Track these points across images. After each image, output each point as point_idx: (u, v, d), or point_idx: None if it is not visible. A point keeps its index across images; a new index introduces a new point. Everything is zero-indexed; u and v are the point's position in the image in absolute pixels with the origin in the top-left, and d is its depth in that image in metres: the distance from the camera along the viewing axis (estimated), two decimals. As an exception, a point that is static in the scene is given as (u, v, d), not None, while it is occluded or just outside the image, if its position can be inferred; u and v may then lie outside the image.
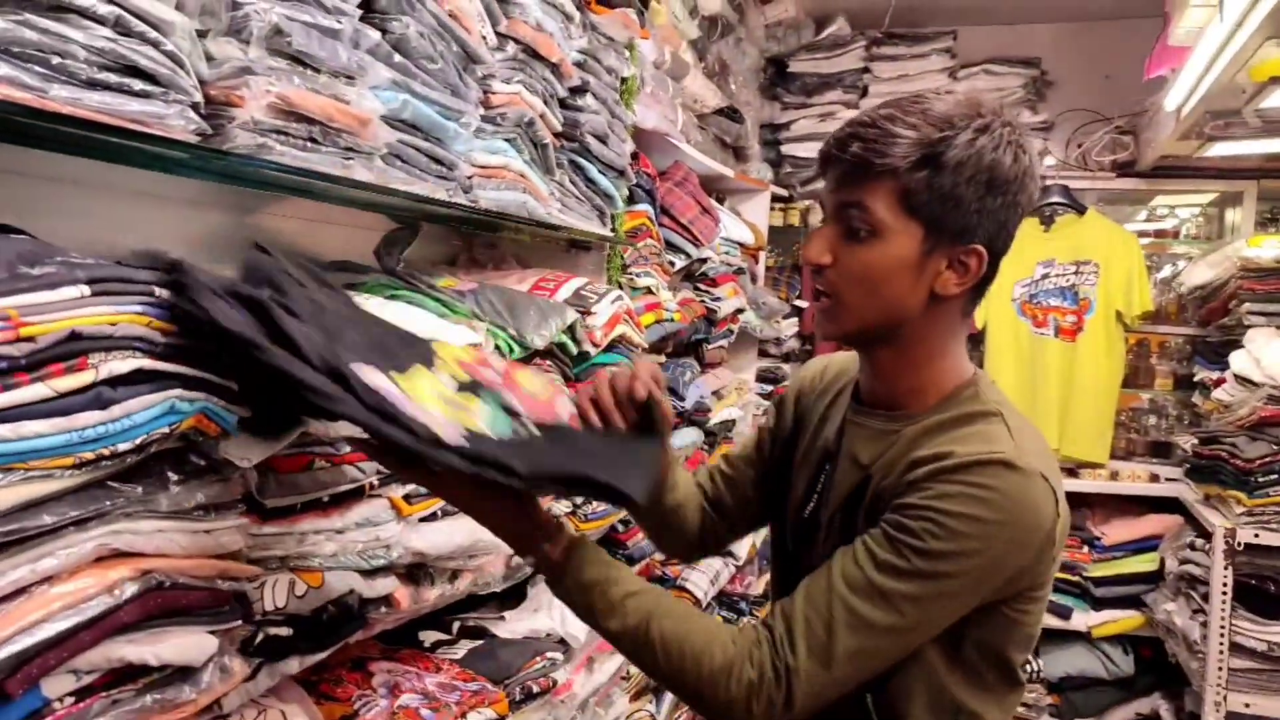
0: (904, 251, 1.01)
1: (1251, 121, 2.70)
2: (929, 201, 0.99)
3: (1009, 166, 0.99)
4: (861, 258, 1.02)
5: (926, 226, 1.00)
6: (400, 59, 1.27)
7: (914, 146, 0.98)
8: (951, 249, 1.02)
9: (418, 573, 1.26)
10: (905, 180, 0.99)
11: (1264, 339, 2.82)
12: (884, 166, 0.99)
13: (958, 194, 0.99)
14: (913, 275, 1.02)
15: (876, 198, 1.00)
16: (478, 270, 1.99)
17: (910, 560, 0.95)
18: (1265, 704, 2.66)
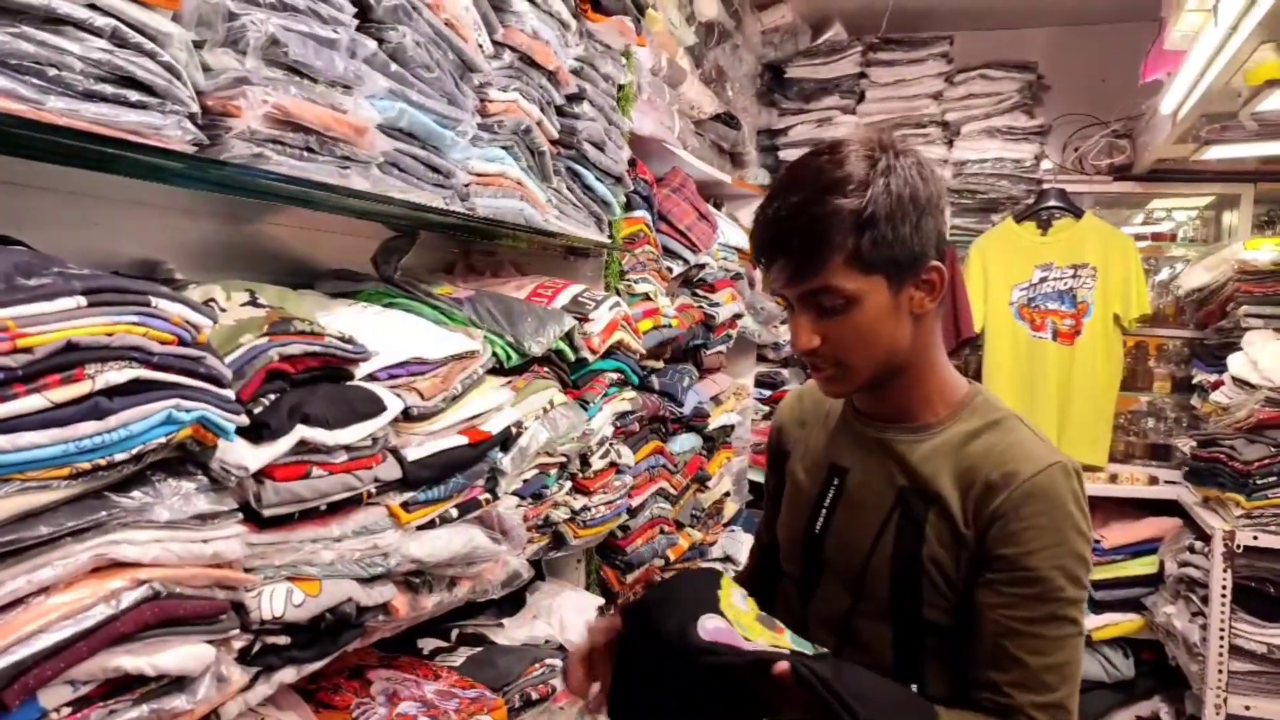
0: (879, 302, 1.08)
1: (1248, 125, 2.70)
2: (879, 254, 1.05)
3: (923, 189, 1.07)
4: (848, 327, 1.08)
5: (886, 274, 1.07)
6: (397, 68, 1.27)
7: (847, 217, 1.04)
8: (914, 277, 1.08)
9: (416, 580, 1.26)
10: (851, 249, 1.05)
11: (1261, 341, 2.82)
12: (829, 248, 1.05)
13: (900, 235, 1.05)
14: (895, 317, 1.09)
15: (836, 276, 1.06)
16: (475, 278, 1.99)
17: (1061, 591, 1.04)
18: (1265, 706, 2.65)
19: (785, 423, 1.37)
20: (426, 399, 1.28)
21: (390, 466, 1.20)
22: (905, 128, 3.73)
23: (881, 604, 1.14)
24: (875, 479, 1.17)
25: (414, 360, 1.31)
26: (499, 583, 1.46)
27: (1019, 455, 1.08)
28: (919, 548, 1.11)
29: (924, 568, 1.10)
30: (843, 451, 1.22)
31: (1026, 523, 1.05)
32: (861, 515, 1.17)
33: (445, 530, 1.30)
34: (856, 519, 1.17)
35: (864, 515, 1.17)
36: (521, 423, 1.51)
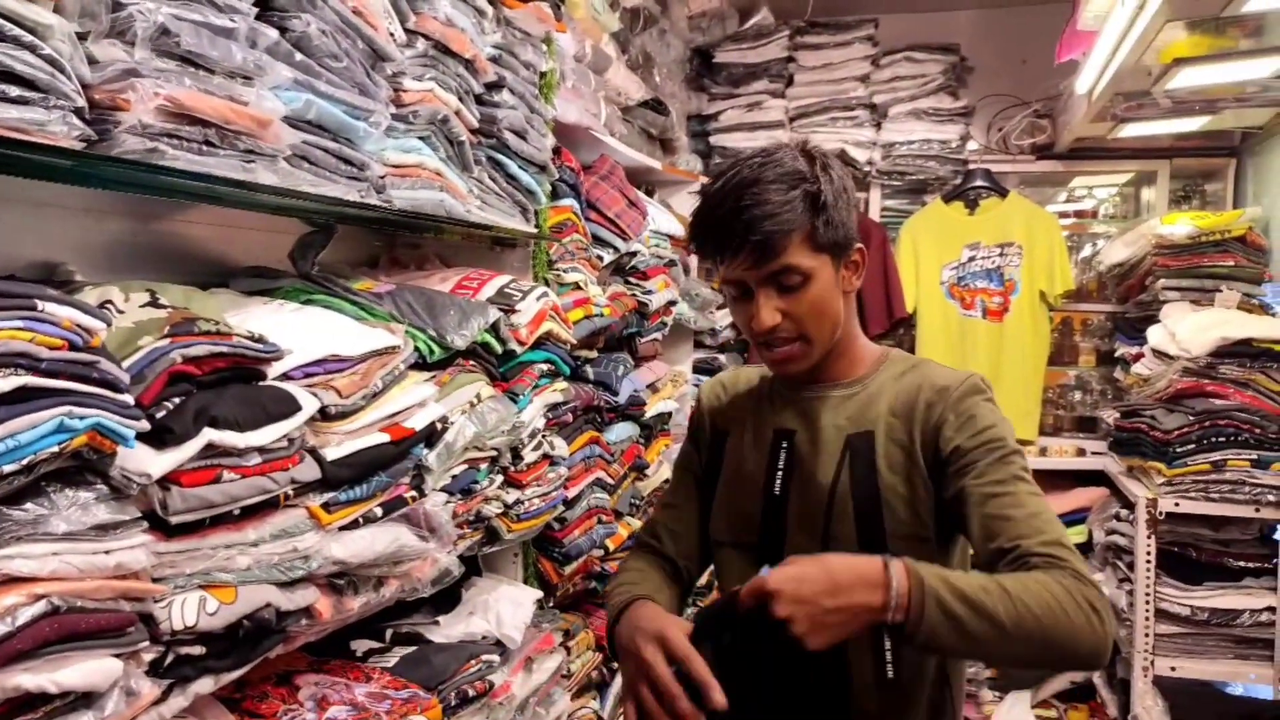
0: (827, 278, 1.24)
1: (1162, 102, 2.79)
2: (828, 236, 1.21)
3: (848, 181, 1.25)
4: (806, 302, 1.22)
5: (830, 253, 1.23)
6: (302, 58, 1.24)
7: (803, 201, 1.19)
8: (846, 258, 1.26)
9: (340, 582, 1.23)
10: (808, 230, 1.20)
11: (1178, 313, 2.91)
12: (792, 229, 1.19)
13: (842, 219, 1.23)
14: (836, 291, 1.26)
15: (796, 255, 1.20)
16: (400, 271, 1.96)
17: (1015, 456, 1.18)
18: (1190, 666, 2.74)
19: (713, 407, 1.46)
20: (345, 397, 1.26)
21: (308, 467, 1.17)
22: (834, 111, 3.76)
23: (850, 542, 1.23)
24: (822, 434, 1.30)
25: (331, 358, 1.28)
26: (429, 581, 1.44)
27: (943, 374, 1.27)
28: (874, 478, 1.24)
29: (881, 495, 1.24)
30: (785, 419, 1.34)
31: (970, 410, 1.21)
32: (817, 468, 1.29)
33: (369, 530, 1.27)
34: (813, 473, 1.29)
35: (819, 468, 1.28)
36: (447, 418, 1.49)
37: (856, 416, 1.29)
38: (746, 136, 3.80)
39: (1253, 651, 2.71)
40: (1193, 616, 2.71)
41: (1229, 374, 2.69)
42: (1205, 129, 3.20)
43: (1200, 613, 2.71)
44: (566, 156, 2.20)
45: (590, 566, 2.31)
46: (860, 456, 1.26)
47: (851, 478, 1.25)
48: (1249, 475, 2.65)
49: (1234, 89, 2.62)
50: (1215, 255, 2.98)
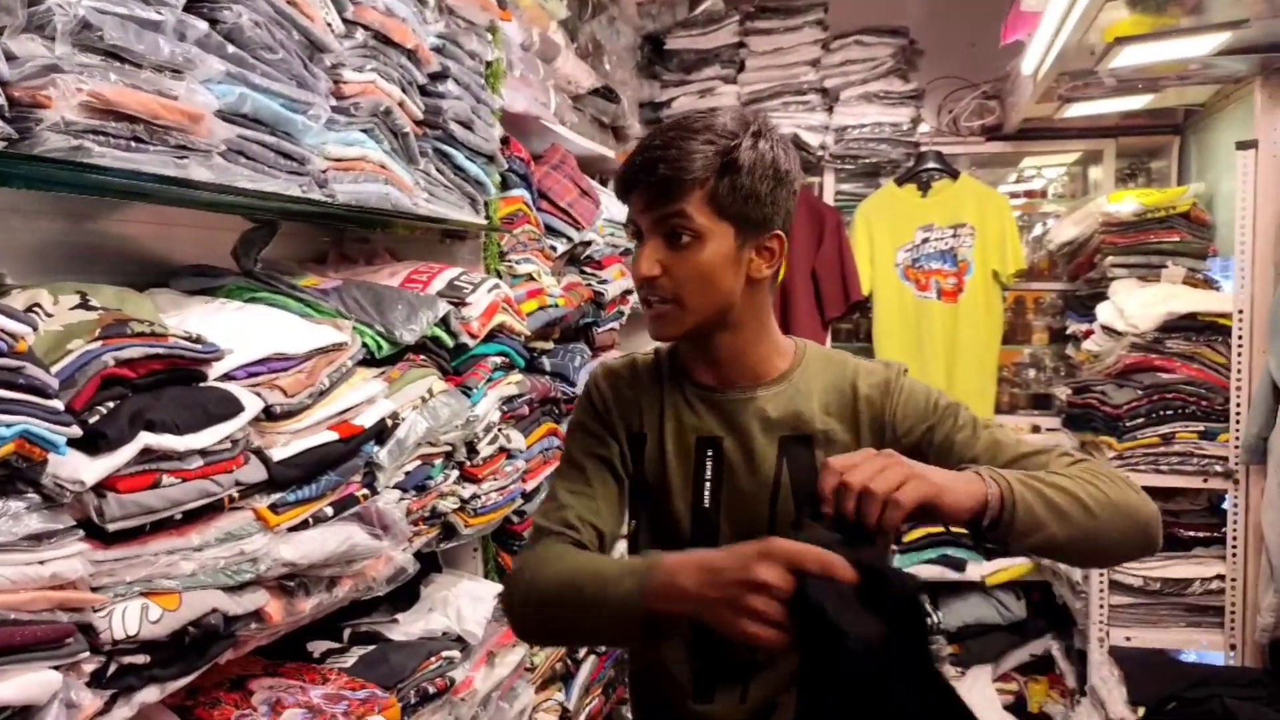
0: (723, 248, 1.15)
1: (1106, 81, 2.82)
2: (734, 202, 1.13)
3: (784, 161, 1.16)
4: (690, 263, 1.14)
5: (735, 224, 1.15)
6: (234, 50, 1.21)
7: (714, 157, 1.12)
8: (758, 239, 1.17)
9: (291, 584, 1.21)
10: (711, 188, 1.13)
11: (1126, 290, 2.96)
12: (692, 178, 1.12)
13: (756, 191, 1.14)
14: (733, 268, 1.16)
15: (692, 206, 1.13)
16: (349, 266, 1.93)
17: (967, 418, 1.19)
18: (1144, 635, 2.80)
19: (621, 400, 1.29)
20: (290, 396, 1.24)
21: (254, 468, 1.15)
22: (786, 95, 3.76)
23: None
24: (752, 440, 1.21)
25: (276, 356, 1.26)
26: (384, 579, 1.43)
27: (872, 369, 1.24)
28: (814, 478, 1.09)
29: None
30: (707, 424, 1.23)
31: (915, 397, 1.20)
32: (752, 480, 1.20)
33: (320, 530, 1.25)
34: (747, 485, 1.20)
35: (754, 480, 1.20)
36: (398, 414, 1.47)
37: (787, 417, 1.21)
38: (700, 123, 3.79)
39: (1204, 619, 2.77)
40: (1146, 587, 2.77)
41: (1175, 348, 2.74)
42: (1149, 107, 3.25)
43: (1153, 583, 2.76)
44: (515, 146, 2.18)
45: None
46: (800, 464, 1.19)
47: (794, 489, 1.18)
48: (1196, 447, 2.71)
49: (1175, 66, 2.66)
50: (1161, 231, 3.03)
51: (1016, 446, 1.15)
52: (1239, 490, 2.68)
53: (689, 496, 1.22)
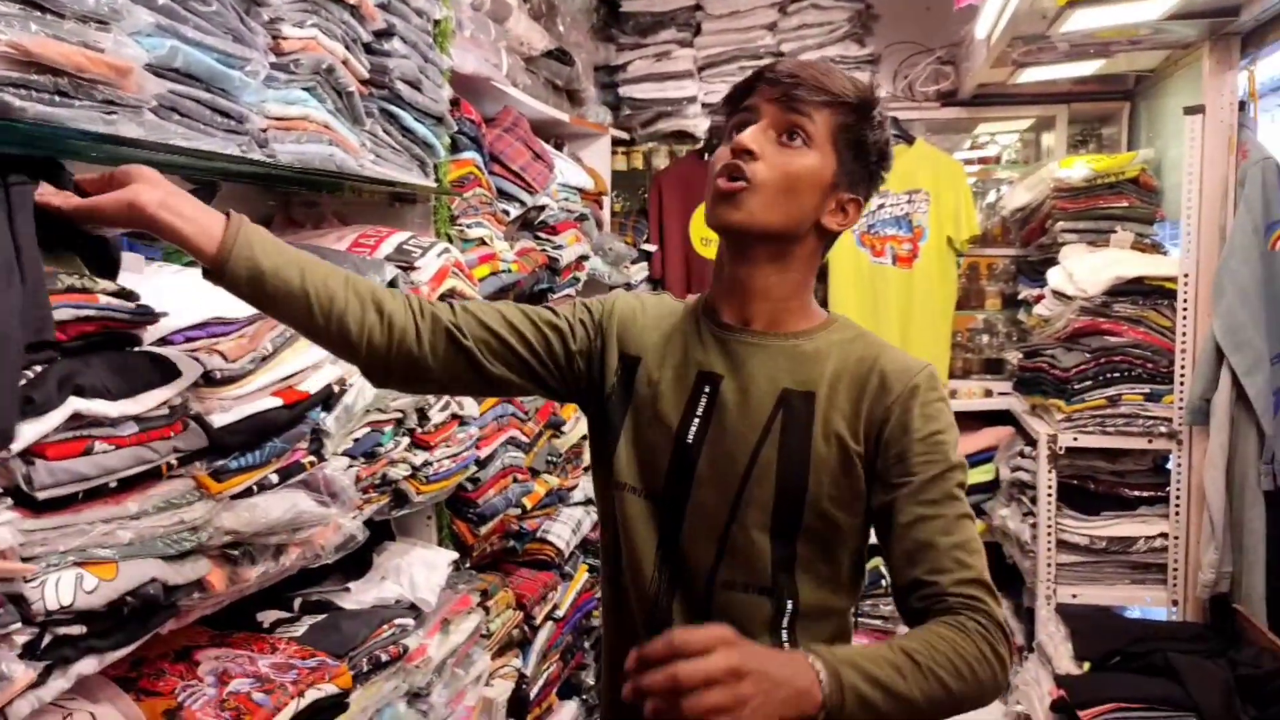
0: (823, 171, 1.16)
1: (1059, 46, 2.84)
2: (851, 141, 1.16)
3: (889, 145, 1.20)
4: (791, 159, 1.14)
5: (840, 161, 1.17)
6: (165, 2, 1.16)
7: (858, 93, 1.16)
8: (845, 193, 1.18)
9: (235, 552, 1.19)
10: (843, 115, 1.15)
11: (1076, 255, 3.00)
12: (833, 97, 1.14)
13: (867, 146, 1.17)
14: (819, 194, 1.17)
15: (819, 116, 1.15)
16: (295, 231, 1.89)
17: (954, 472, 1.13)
18: (1090, 592, 2.88)
19: (626, 321, 1.29)
20: (231, 361, 1.20)
21: (193, 435, 1.12)
22: (742, 60, 3.74)
23: (765, 511, 1.16)
24: (754, 385, 1.19)
25: (216, 320, 1.22)
26: (333, 547, 1.41)
27: (898, 357, 1.19)
28: (808, 445, 1.15)
29: (810, 465, 1.15)
30: (711, 360, 1.22)
31: (922, 409, 1.13)
32: (742, 423, 1.18)
33: (265, 497, 1.23)
34: (736, 426, 1.18)
35: (744, 423, 1.18)
36: (345, 379, 1.44)
37: (795, 371, 1.18)
38: (656, 87, 3.76)
39: (1148, 576, 2.85)
40: (1091, 546, 2.84)
41: (1123, 312, 2.79)
42: (1100, 73, 3.28)
43: (1099, 541, 2.84)
44: (466, 108, 2.14)
45: (507, 526, 2.29)
46: (795, 418, 1.16)
47: (782, 439, 1.16)
48: (1142, 409, 2.77)
49: (1126, 31, 2.68)
50: (1110, 197, 3.07)
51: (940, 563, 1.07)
52: (1182, 451, 2.75)
53: (675, 429, 1.21)
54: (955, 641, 1.03)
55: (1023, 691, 2.88)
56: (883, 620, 3.54)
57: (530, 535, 2.51)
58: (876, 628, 3.54)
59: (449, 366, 1.20)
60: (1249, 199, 2.52)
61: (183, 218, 1.03)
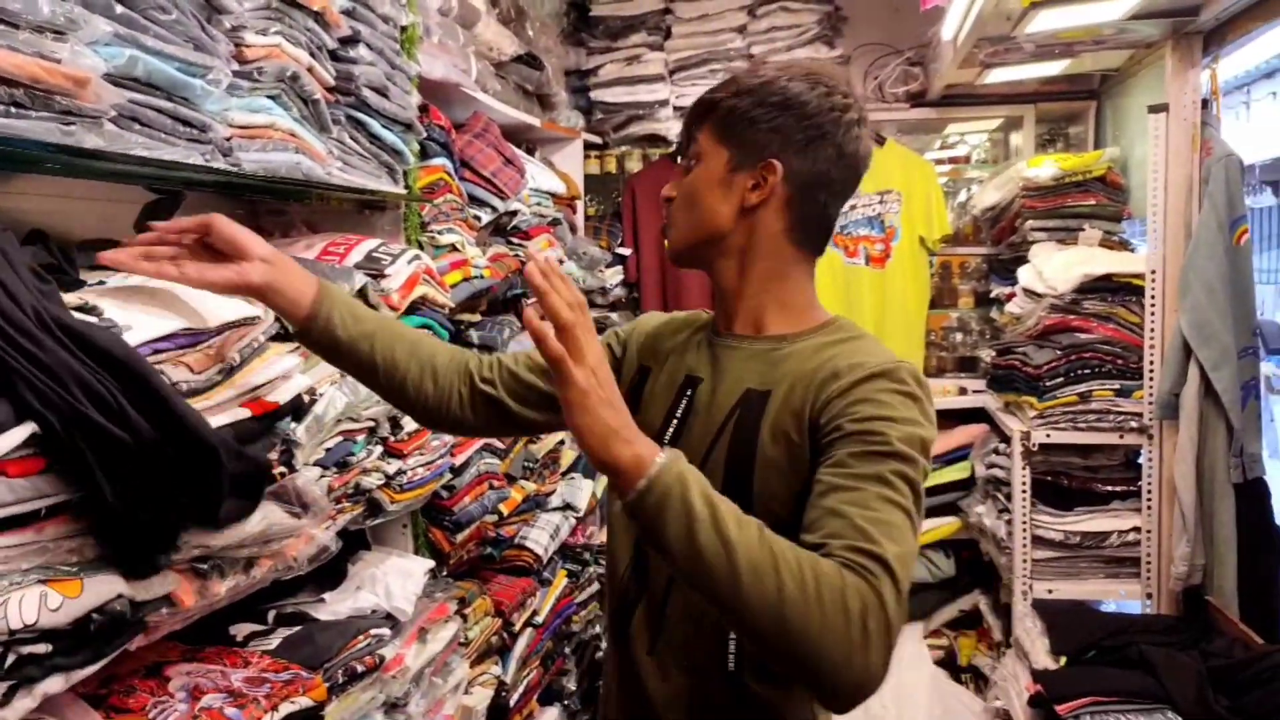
0: (713, 170, 1.20)
1: (1025, 47, 2.86)
2: (731, 124, 1.19)
3: (805, 93, 1.16)
4: (686, 181, 1.23)
5: (731, 149, 1.19)
6: (124, 10, 1.15)
7: (729, 84, 1.20)
8: (754, 168, 1.18)
9: (204, 567, 1.17)
10: (722, 111, 1.19)
11: (1045, 253, 3.03)
12: (705, 106, 1.22)
13: (752, 115, 1.17)
14: (720, 190, 1.20)
15: (703, 132, 1.22)
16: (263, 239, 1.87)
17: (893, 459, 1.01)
18: (1065, 587, 2.90)
19: (647, 334, 1.38)
20: (198, 373, 1.19)
21: (160, 448, 1.11)
22: (713, 63, 3.75)
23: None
24: (723, 386, 1.21)
25: (183, 332, 1.21)
26: (306, 559, 1.39)
27: (869, 352, 1.14)
28: (754, 443, 1.14)
29: (755, 463, 1.13)
30: (699, 365, 1.27)
31: (865, 394, 1.07)
32: (705, 424, 1.20)
33: (233, 510, 1.21)
34: (700, 428, 1.21)
35: (707, 423, 1.20)
36: (315, 389, 1.43)
37: (764, 373, 1.18)
38: (627, 91, 3.76)
39: (1121, 570, 2.88)
40: (1066, 541, 2.86)
41: (1092, 309, 2.82)
42: (1066, 73, 3.31)
43: (1073, 537, 2.86)
44: (435, 114, 2.13)
45: (484, 533, 2.28)
46: (748, 416, 1.16)
47: (732, 438, 1.16)
48: (1113, 404, 2.80)
49: (1090, 31, 2.71)
50: (1078, 195, 3.10)
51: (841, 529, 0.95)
52: (1153, 445, 2.78)
53: (656, 431, 1.24)
54: (827, 570, 0.90)
55: (1001, 687, 2.90)
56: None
57: (508, 542, 2.50)
58: (856, 627, 3.55)
59: (484, 419, 1.35)
60: (1213, 195, 2.55)
61: (283, 297, 1.21)
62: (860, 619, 0.87)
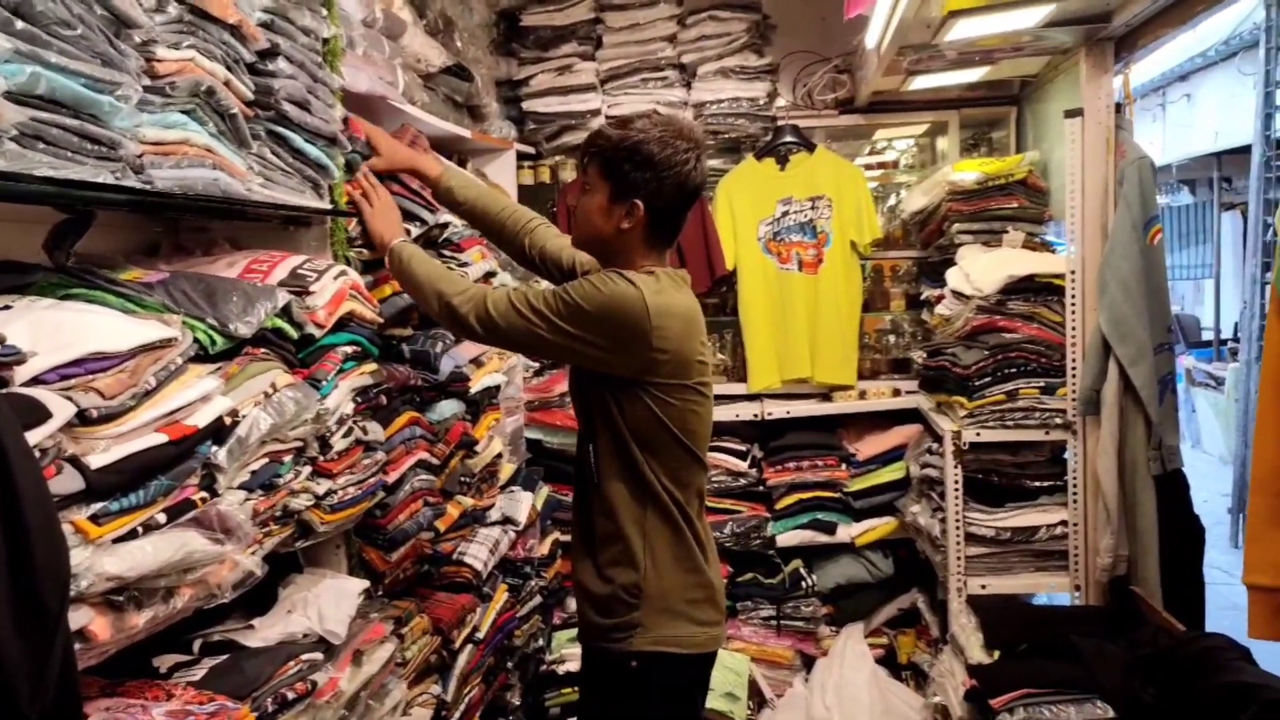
0: (599, 201, 1.84)
1: (947, 54, 2.93)
2: (610, 168, 1.81)
3: (655, 153, 1.77)
4: (583, 203, 1.88)
5: (610, 184, 1.81)
6: (24, 26, 1.10)
7: (604, 142, 1.82)
8: (624, 203, 1.81)
9: (119, 599, 1.14)
10: (601, 159, 1.82)
11: (971, 255, 3.10)
12: (593, 151, 1.84)
13: (624, 168, 1.79)
14: (603, 214, 1.84)
15: (592, 165, 1.84)
16: (183, 258, 1.82)
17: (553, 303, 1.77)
18: (998, 583, 2.97)
19: None
20: (109, 398, 1.15)
21: (69, 478, 1.07)
22: (644, 72, 3.76)
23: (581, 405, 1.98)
24: None
25: (93, 356, 1.17)
26: (230, 585, 1.36)
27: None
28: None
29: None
30: None
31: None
32: None
33: (150, 539, 1.17)
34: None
35: None
36: (237, 411, 1.40)
37: None
38: (559, 101, 3.76)
39: (1050, 563, 2.96)
40: (997, 537, 2.93)
41: (1017, 309, 2.89)
42: (987, 79, 3.40)
43: (1004, 533, 2.93)
44: (354, 126, 2.09)
45: (420, 550, 2.25)
46: None
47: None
48: (1039, 402, 2.87)
49: (1008, 39, 2.79)
50: (1001, 198, 3.18)
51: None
52: (1077, 440, 2.86)
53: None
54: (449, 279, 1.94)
55: (939, 683, 2.95)
56: (804, 622, 3.59)
57: (446, 558, 2.47)
58: (798, 629, 3.59)
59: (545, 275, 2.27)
60: (1127, 197, 2.64)
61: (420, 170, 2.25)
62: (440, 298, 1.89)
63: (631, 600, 1.83)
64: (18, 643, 0.81)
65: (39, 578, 0.84)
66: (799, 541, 3.60)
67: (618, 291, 1.73)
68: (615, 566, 1.86)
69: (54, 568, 0.87)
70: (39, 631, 0.84)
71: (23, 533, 0.83)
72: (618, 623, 1.85)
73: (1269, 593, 1.96)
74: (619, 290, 1.73)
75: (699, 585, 1.88)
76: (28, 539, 0.84)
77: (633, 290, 1.73)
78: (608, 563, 1.87)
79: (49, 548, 0.87)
